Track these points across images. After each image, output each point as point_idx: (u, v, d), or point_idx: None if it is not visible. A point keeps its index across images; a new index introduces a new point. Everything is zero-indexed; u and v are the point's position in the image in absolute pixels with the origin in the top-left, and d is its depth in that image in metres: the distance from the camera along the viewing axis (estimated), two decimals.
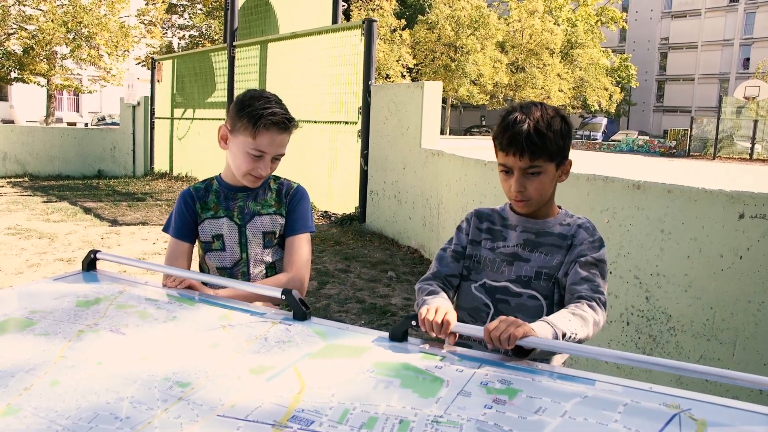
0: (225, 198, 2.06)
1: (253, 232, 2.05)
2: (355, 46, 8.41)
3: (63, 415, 1.06)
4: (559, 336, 1.40)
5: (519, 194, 1.64)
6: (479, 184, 5.06)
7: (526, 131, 1.58)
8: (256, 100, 1.94)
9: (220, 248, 2.04)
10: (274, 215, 2.07)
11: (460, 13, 38.86)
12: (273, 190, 2.10)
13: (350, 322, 4.58)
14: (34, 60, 25.09)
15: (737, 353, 2.75)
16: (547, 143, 1.59)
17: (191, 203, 2.06)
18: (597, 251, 1.65)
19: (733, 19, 55.98)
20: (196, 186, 2.12)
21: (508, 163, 1.64)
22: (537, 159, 1.61)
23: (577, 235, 1.68)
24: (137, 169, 14.28)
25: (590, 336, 1.49)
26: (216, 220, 2.05)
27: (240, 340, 1.39)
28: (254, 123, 1.90)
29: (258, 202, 2.06)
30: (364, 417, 1.06)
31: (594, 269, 1.62)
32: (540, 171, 1.63)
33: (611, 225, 3.31)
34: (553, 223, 1.72)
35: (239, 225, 2.04)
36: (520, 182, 1.63)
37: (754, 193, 2.66)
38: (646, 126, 58.86)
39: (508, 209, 1.79)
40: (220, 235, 2.04)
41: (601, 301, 1.57)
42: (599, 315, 1.53)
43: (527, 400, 1.13)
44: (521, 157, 1.60)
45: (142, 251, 6.78)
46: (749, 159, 28.87)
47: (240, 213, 2.05)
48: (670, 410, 1.08)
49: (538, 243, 1.70)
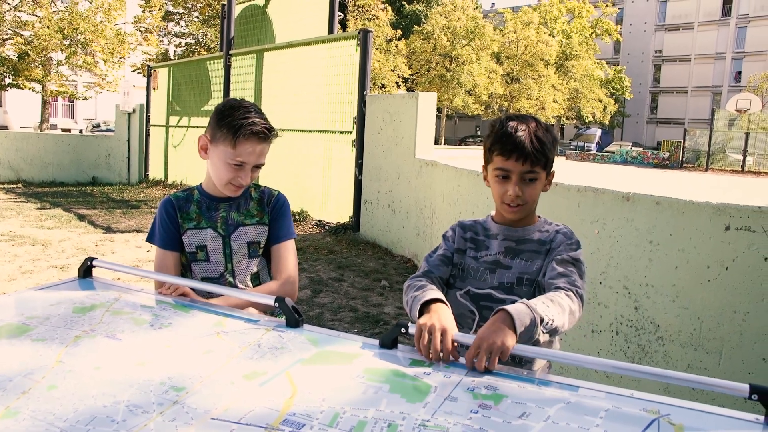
0: (207, 208, 2.07)
1: (238, 243, 2.06)
2: (351, 56, 8.47)
3: (61, 417, 1.09)
4: (537, 320, 1.42)
5: (516, 199, 1.70)
6: (472, 194, 5.10)
7: (528, 137, 1.67)
8: (236, 110, 1.95)
9: (204, 259, 2.05)
10: (257, 225, 2.08)
11: (456, 23, 39.11)
12: (254, 199, 2.11)
13: (343, 330, 4.60)
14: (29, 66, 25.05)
15: (723, 362, 2.79)
16: (545, 150, 1.69)
17: (173, 212, 2.05)
18: (574, 251, 1.70)
19: (725, 33, 56.50)
20: (176, 195, 2.11)
21: (507, 167, 1.69)
22: (536, 165, 1.69)
23: (555, 240, 1.74)
24: (132, 176, 14.28)
25: (565, 325, 1.51)
26: (199, 230, 2.05)
27: (234, 347, 1.43)
28: (234, 133, 1.91)
29: (241, 213, 2.08)
30: (354, 421, 1.10)
31: (570, 266, 1.66)
32: (536, 177, 1.71)
33: (601, 236, 3.35)
34: (533, 230, 1.78)
35: (223, 236, 2.05)
36: (519, 187, 1.69)
37: (739, 205, 2.71)
38: (639, 137, 59.20)
39: (490, 220, 1.85)
40: (204, 246, 2.05)
41: (578, 293, 1.59)
42: (575, 305, 1.56)
43: (512, 406, 1.16)
44: (523, 162, 1.67)
45: (137, 258, 6.79)
46: (741, 171, 29.08)
47: (224, 224, 2.06)
48: (649, 415, 1.12)
49: (519, 250, 1.76)
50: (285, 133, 10.06)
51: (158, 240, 2.06)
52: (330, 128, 9.02)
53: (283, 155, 9.57)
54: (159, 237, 2.06)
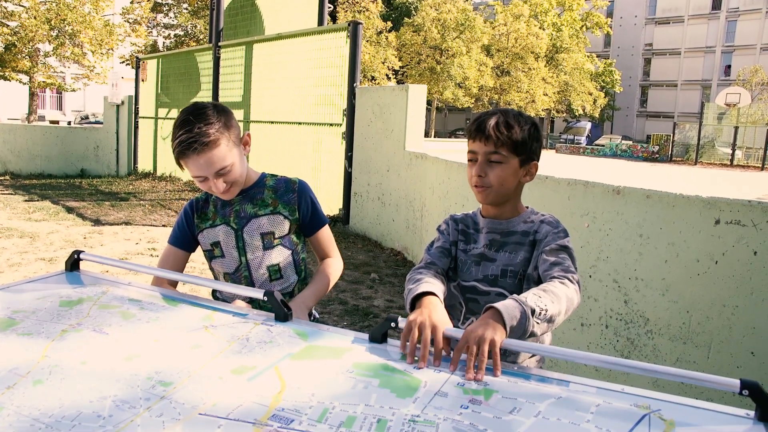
0: (222, 205, 2.07)
1: (250, 235, 2.04)
2: (341, 48, 8.44)
3: (46, 413, 1.08)
4: (527, 312, 1.40)
5: (479, 179, 1.72)
6: (462, 187, 5.10)
7: (494, 120, 1.72)
8: (177, 129, 1.86)
9: (220, 255, 2.07)
10: (272, 215, 2.05)
11: (446, 16, 39.01)
12: (269, 187, 2.09)
13: (333, 323, 4.59)
14: (15, 57, 24.80)
15: (712, 356, 2.80)
16: (512, 134, 1.70)
17: (190, 214, 2.09)
18: (561, 239, 1.71)
19: (715, 27, 56.71)
20: (198, 197, 2.15)
21: (474, 149, 1.74)
22: (501, 147, 1.70)
23: (540, 230, 1.74)
24: (120, 168, 14.18)
25: (563, 311, 1.49)
26: (213, 228, 2.06)
27: (222, 341, 1.41)
28: (175, 155, 1.89)
29: (255, 204, 2.06)
30: (343, 416, 1.09)
31: (562, 253, 1.66)
32: (501, 160, 1.72)
33: (591, 229, 3.36)
34: (518, 222, 1.78)
35: (235, 230, 2.05)
36: (481, 167, 1.72)
37: (729, 199, 2.72)
38: (629, 131, 59.43)
39: (479, 214, 1.86)
40: (218, 242, 2.06)
41: (574, 279, 1.59)
42: (572, 291, 1.54)
43: (502, 401, 1.15)
44: (486, 143, 1.71)
45: (125, 251, 6.75)
46: (730, 165, 29.28)
47: (236, 217, 2.05)
48: (640, 411, 1.12)
49: (503, 243, 1.77)
50: (274, 126, 10.02)
51: (170, 236, 2.12)
52: (320, 120, 8.98)
53: (272, 147, 9.54)
54: (172, 234, 2.12)
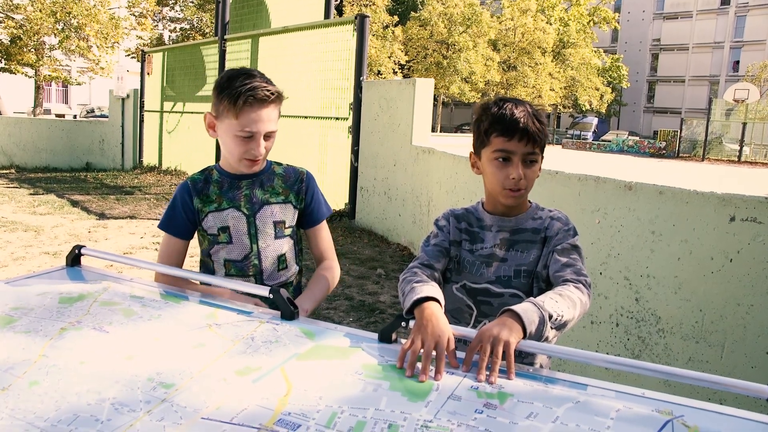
0: (229, 187, 1.94)
1: (264, 222, 1.94)
2: (347, 41, 8.37)
3: (41, 417, 1.03)
4: (545, 317, 1.38)
5: (519, 182, 1.63)
6: (469, 182, 5.04)
7: (527, 117, 1.62)
8: (235, 80, 1.84)
9: (226, 241, 1.93)
10: (284, 204, 1.98)
11: (453, 10, 38.82)
12: (279, 175, 2.01)
13: (338, 319, 4.55)
14: (21, 50, 24.77)
15: (725, 356, 2.74)
16: (544, 130, 1.65)
17: (188, 199, 1.93)
18: (572, 238, 1.67)
19: (723, 22, 56.31)
20: (193, 177, 1.99)
21: (510, 148, 1.63)
22: (536, 146, 1.64)
23: (551, 228, 1.69)
24: (126, 162, 14.15)
25: (575, 318, 1.49)
26: (220, 212, 1.92)
27: (226, 340, 1.36)
28: (234, 102, 1.80)
29: (266, 190, 1.96)
30: (352, 421, 1.04)
31: (573, 254, 1.63)
32: (536, 159, 1.66)
33: (602, 225, 3.30)
34: (526, 219, 1.72)
35: (247, 215, 1.93)
36: (521, 169, 1.63)
37: (745, 196, 2.66)
38: (636, 126, 59.13)
39: (481, 209, 1.77)
40: (227, 227, 1.92)
41: (587, 283, 1.57)
42: (585, 296, 1.54)
43: (518, 405, 1.11)
44: (526, 143, 1.62)
45: (130, 245, 6.72)
46: (737, 161, 29.09)
47: (248, 202, 1.93)
48: (662, 416, 1.06)
49: (514, 241, 1.70)
50: (280, 120, 9.95)
51: (164, 225, 1.95)
52: (326, 114, 8.92)
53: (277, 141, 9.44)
54: (168, 222, 1.95)
